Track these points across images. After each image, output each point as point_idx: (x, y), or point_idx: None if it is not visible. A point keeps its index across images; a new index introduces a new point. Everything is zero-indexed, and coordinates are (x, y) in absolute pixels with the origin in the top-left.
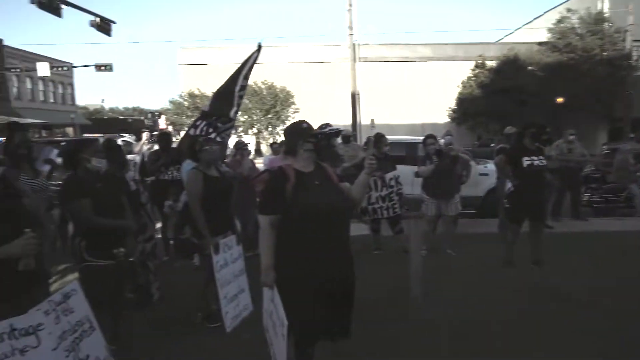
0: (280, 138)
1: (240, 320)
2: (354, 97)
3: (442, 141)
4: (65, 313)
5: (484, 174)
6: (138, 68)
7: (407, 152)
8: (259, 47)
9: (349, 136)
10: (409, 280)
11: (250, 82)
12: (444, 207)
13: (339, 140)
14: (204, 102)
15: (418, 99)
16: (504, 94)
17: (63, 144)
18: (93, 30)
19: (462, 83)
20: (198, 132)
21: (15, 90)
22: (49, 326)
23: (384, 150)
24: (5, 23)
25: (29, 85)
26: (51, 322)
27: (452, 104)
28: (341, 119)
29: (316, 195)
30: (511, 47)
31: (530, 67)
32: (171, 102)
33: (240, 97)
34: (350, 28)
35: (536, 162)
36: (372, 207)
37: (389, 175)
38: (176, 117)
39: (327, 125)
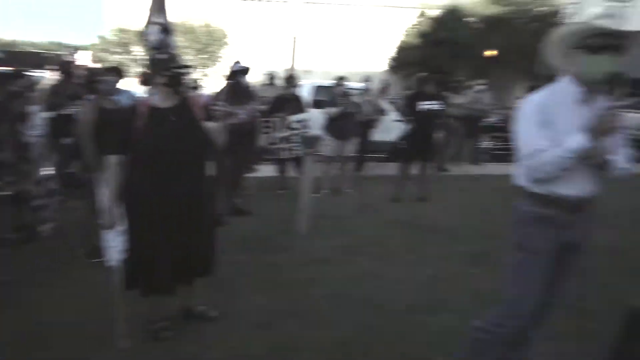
0: (209, 79)
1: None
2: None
3: (361, 85)
4: None
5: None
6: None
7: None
8: None
9: (272, 77)
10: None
11: (185, 19)
12: (341, 148)
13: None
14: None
15: (359, 47)
16: (439, 46)
17: None
18: None
19: (405, 32)
20: None
21: None
22: None
23: (291, 92)
24: None
25: None
26: None
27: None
28: (280, 63)
29: (166, 132)
30: None
31: (470, 19)
32: (100, 37)
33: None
34: None
35: (429, 107)
36: (273, 147)
37: (293, 118)
38: (102, 54)
39: (237, 63)
